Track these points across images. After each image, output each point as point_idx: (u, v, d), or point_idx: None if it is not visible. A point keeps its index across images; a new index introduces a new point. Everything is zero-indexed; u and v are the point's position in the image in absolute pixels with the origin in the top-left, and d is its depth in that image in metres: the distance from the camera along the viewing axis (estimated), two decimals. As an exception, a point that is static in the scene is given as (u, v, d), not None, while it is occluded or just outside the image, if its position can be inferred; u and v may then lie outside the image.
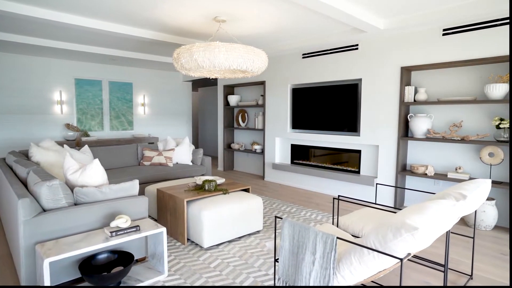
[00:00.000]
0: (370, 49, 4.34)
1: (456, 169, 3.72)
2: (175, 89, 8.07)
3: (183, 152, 4.94)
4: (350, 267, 1.57)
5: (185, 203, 2.90)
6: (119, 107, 6.99)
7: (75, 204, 2.32)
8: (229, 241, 3.05)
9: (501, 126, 3.35)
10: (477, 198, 1.92)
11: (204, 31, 4.26)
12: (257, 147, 6.23)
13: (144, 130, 7.50)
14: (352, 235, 2.36)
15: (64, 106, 6.27)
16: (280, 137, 5.69)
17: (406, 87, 3.99)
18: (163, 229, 2.29)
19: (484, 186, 2.06)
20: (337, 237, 1.61)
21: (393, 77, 4.12)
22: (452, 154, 3.84)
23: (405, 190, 4.26)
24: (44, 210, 2.17)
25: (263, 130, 6.03)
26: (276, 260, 1.99)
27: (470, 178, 3.64)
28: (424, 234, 1.32)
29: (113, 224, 2.16)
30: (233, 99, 6.63)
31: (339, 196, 2.40)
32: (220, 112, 6.98)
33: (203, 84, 9.14)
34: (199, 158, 5.07)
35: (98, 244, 1.99)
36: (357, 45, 4.47)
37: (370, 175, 4.53)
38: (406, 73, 4.04)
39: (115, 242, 2.06)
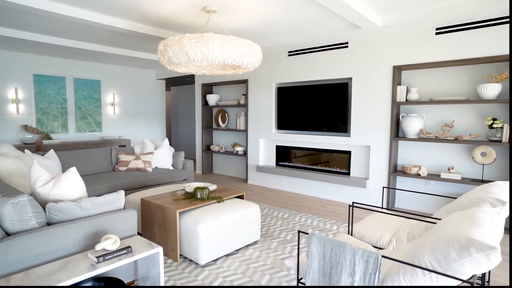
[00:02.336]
0: (361, 47, 4.23)
1: (448, 169, 3.71)
2: (147, 88, 7.53)
3: (162, 156, 4.52)
4: (399, 290, 1.36)
5: (177, 214, 2.55)
6: (86, 107, 6.35)
7: (48, 224, 1.90)
8: (227, 255, 2.74)
9: (494, 126, 3.37)
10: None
11: (190, 23, 3.89)
12: (239, 149, 5.94)
13: (114, 132, 6.90)
14: (372, 246, 2.17)
15: (21, 105, 5.54)
16: (264, 138, 5.45)
17: (398, 87, 3.92)
18: (159, 249, 1.95)
19: (506, 189, 1.96)
20: (382, 256, 1.39)
21: (385, 76, 4.04)
22: (443, 154, 3.83)
23: (396, 190, 4.20)
24: (8, 234, 1.74)
25: (245, 131, 5.75)
26: (299, 281, 1.73)
27: (463, 178, 3.64)
28: (499, 253, 1.14)
29: (99, 246, 1.78)
30: (212, 99, 6.28)
31: (353, 203, 2.20)
32: (198, 112, 6.60)
33: (175, 83, 8.66)
34: (180, 162, 4.69)
35: (82, 274, 1.61)
36: (347, 43, 4.35)
37: (361, 177, 4.44)
38: (398, 72, 3.98)
39: (104, 269, 1.68)
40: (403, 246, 1.80)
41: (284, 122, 5.18)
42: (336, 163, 4.77)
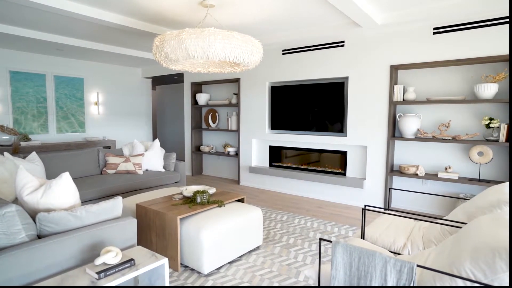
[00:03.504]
0: (357, 46, 4.18)
1: (445, 169, 3.72)
2: (133, 87, 7.24)
3: (153, 157, 4.31)
4: (436, 302, 1.27)
5: (178, 221, 2.39)
6: (68, 106, 6.00)
7: (39, 237, 1.70)
8: (230, 263, 2.60)
9: (491, 125, 3.39)
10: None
11: (185, 18, 3.71)
12: (230, 150, 5.79)
13: (98, 133, 6.57)
14: (388, 250, 2.09)
15: (-4, 104, 5.16)
16: (257, 138, 5.33)
17: (395, 86, 3.90)
18: (165, 261, 1.79)
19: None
20: (417, 265, 1.30)
21: (382, 76, 4.01)
22: (440, 154, 3.84)
23: (392, 190, 4.19)
24: (-6, 250, 1.53)
25: (237, 131, 5.61)
26: (319, 292, 1.62)
27: (460, 178, 3.65)
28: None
29: (99, 260, 1.60)
30: (202, 98, 6.09)
31: (365, 206, 2.12)
32: (187, 112, 6.39)
33: (162, 81, 8.39)
34: (172, 164, 4.49)
35: (82, 294, 1.44)
36: (343, 41, 4.30)
37: (358, 177, 4.40)
38: (395, 71, 3.96)
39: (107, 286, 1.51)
40: (424, 251, 1.73)
41: (278, 122, 5.08)
42: (332, 164, 4.72)
